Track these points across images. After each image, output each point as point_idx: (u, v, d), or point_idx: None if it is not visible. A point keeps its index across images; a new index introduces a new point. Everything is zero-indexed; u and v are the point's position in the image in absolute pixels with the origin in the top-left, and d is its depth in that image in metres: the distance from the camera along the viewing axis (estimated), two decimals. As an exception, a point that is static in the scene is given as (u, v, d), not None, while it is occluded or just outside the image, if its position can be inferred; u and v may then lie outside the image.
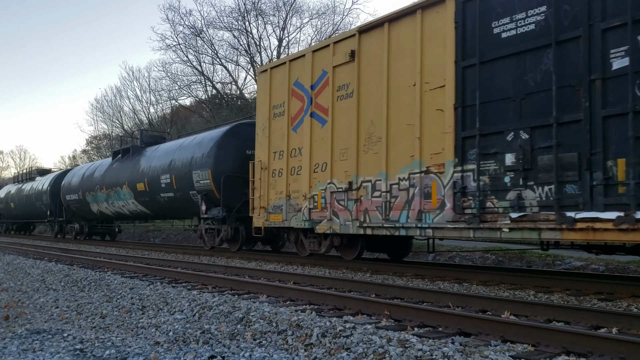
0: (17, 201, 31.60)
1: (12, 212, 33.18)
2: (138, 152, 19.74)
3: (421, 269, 9.76)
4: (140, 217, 20.84)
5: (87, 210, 23.38)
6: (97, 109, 49.39)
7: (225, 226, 14.31)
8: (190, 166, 15.40)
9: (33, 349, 4.36)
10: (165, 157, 17.27)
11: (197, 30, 34.37)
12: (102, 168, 22.10)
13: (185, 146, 16.44)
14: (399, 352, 3.80)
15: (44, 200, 27.12)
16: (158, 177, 17.11)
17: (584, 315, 5.20)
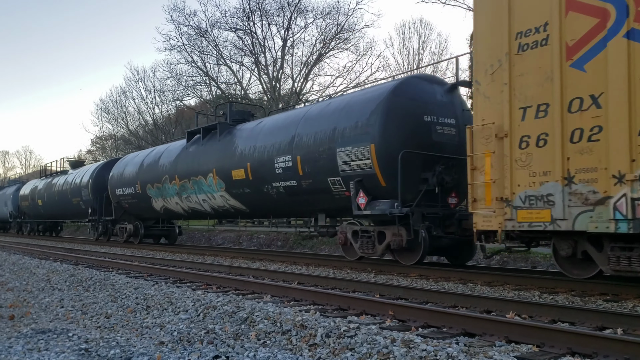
0: (47, 198, 27.60)
1: (39, 211, 29.31)
2: (228, 131, 15.04)
3: (426, 270, 9.74)
4: (227, 215, 16.46)
5: (145, 207, 19.00)
6: (102, 110, 49.60)
7: (402, 229, 9.83)
8: (332, 141, 10.89)
9: (38, 349, 4.38)
10: (280, 133, 12.59)
11: (202, 31, 34.47)
12: (170, 153, 17.46)
13: (317, 115, 11.83)
14: (403, 353, 3.80)
15: (83, 196, 23.00)
16: (270, 160, 12.47)
17: (589, 315, 5.18)
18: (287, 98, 34.66)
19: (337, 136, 10.82)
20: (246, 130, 14.23)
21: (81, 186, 23.23)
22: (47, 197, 27.63)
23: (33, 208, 30.13)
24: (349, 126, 10.65)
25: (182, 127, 38.78)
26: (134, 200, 19.38)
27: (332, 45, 34.50)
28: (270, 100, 34.39)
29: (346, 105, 11.15)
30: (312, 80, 36.64)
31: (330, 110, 11.50)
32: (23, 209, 32.41)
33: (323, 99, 34.30)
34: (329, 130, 11.08)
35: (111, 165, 22.26)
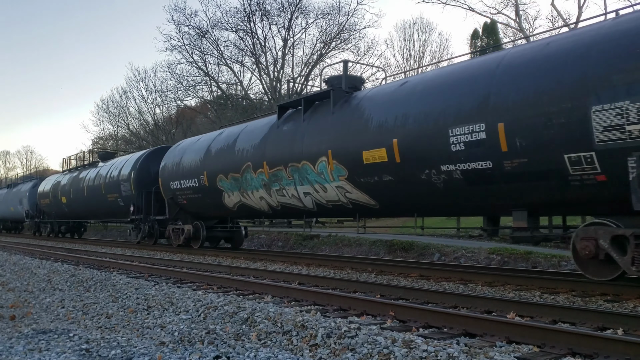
0: (73, 195, 24.00)
1: (63, 209, 25.82)
2: (344, 99, 11.20)
3: (426, 270, 9.74)
4: (338, 213, 12.27)
5: (212, 204, 15.16)
6: (103, 110, 49.63)
7: None
8: (579, 97, 7.02)
9: (39, 349, 4.38)
10: (456, 92, 8.68)
11: (203, 31, 34.49)
12: (253, 134, 13.33)
13: (533, 59, 7.83)
14: (404, 353, 3.80)
15: (122, 192, 19.42)
16: (440, 132, 8.60)
17: (590, 316, 5.18)
18: (288, 98, 34.64)
19: (594, 86, 6.86)
20: (381, 95, 10.31)
21: (120, 180, 19.56)
22: (73, 194, 24.14)
23: (55, 206, 26.74)
24: (624, 68, 6.65)
25: (183, 127, 38.83)
26: (196, 195, 15.51)
27: (333, 45, 34.54)
28: (271, 100, 34.39)
29: (614, 32, 6.98)
30: (312, 81, 36.65)
31: (568, 49, 7.43)
32: (42, 208, 29.00)
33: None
34: (570, 80, 7.16)
35: (160, 153, 18.56)
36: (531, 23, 31.61)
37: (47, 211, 28.49)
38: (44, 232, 30.22)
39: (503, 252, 12.86)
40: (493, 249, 13.23)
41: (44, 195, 28.04)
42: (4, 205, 35.86)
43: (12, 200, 34.59)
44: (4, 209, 36.11)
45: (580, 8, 26.10)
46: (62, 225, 28.39)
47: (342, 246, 16.84)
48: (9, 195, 35.72)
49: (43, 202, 28.23)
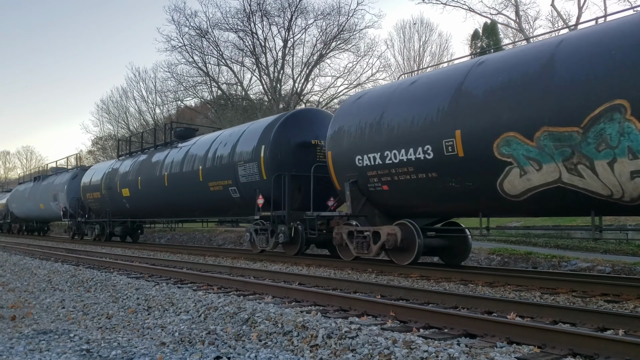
0: (144, 185, 18.35)
1: (122, 206, 20.30)
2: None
3: (427, 270, 9.74)
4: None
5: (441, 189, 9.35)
6: (103, 110, 49.64)
7: None
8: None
9: (40, 349, 4.38)
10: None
11: (203, 32, 34.52)
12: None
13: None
14: (405, 354, 3.80)
15: (240, 177, 13.63)
16: None
17: (590, 316, 5.18)
18: (288, 98, 34.67)
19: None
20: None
21: (237, 160, 13.72)
22: (144, 184, 18.33)
23: (111, 201, 20.86)
24: None
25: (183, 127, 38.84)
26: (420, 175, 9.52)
27: (333, 45, 34.56)
28: (271, 100, 34.41)
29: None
30: (313, 81, 36.67)
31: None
32: (88, 204, 23.21)
33: (324, 100, 34.29)
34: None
35: (304, 117, 13.71)
36: (531, 23, 31.58)
37: (96, 208, 22.67)
38: (90, 234, 23.83)
39: (503, 253, 12.86)
40: (493, 250, 13.24)
41: (92, 188, 22.37)
42: (31, 203, 29.81)
43: (41, 196, 28.09)
44: (31, 207, 30.10)
45: (580, 9, 26.15)
46: (117, 226, 21.70)
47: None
48: (37, 189, 29.13)
49: (90, 196, 22.64)
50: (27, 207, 30.89)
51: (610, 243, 13.85)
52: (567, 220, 14.78)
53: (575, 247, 14.36)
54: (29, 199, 30.14)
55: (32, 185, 30.69)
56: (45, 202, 27.65)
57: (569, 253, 13.02)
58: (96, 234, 23.07)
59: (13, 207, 33.87)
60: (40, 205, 28.32)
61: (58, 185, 26.25)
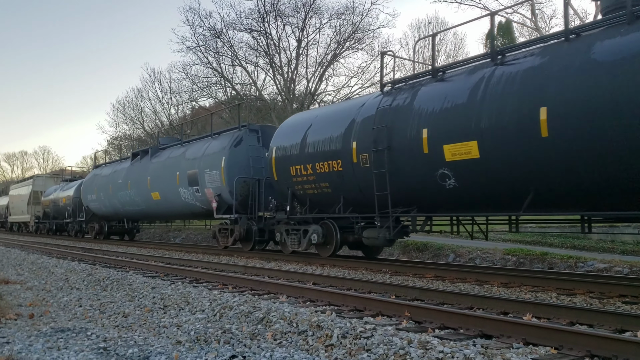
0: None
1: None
2: None
3: (441, 271, 9.70)
4: None
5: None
6: (119, 110, 50.02)
7: None
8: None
9: (58, 347, 4.44)
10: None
11: (217, 32, 34.60)
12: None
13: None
14: (420, 354, 3.79)
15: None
16: None
17: (608, 318, 5.12)
18: (302, 98, 34.69)
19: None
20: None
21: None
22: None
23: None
24: None
25: (198, 127, 39.05)
26: None
27: (347, 45, 34.47)
28: (285, 100, 34.46)
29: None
30: (326, 81, 36.65)
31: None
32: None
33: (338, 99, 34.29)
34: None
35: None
36: (547, 22, 31.31)
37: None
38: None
39: (519, 253, 12.77)
40: (509, 250, 13.14)
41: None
42: (133, 192, 20.47)
43: (158, 178, 18.77)
44: (131, 199, 20.71)
45: (597, 6, 25.80)
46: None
47: (356, 246, 16.81)
48: (144, 170, 19.85)
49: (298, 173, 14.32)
50: (122, 199, 21.46)
51: (628, 244, 13.68)
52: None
53: (592, 248, 14.22)
54: (127, 186, 20.62)
55: (127, 167, 21.29)
56: (167, 189, 18.14)
57: (585, 254, 12.89)
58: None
59: (90, 201, 24.32)
60: (154, 194, 19.04)
61: (203, 159, 16.25)
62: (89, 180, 25.27)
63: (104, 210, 23.87)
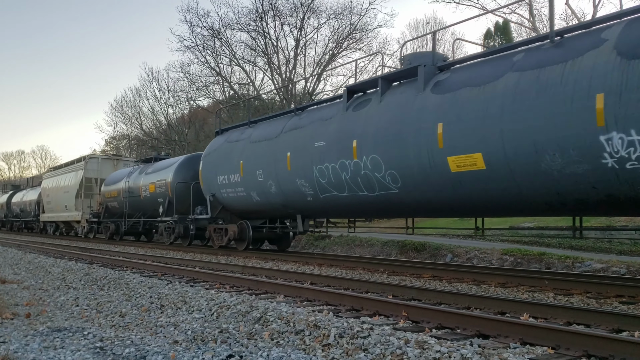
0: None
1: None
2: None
3: (439, 271, 9.70)
4: None
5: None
6: (117, 110, 49.99)
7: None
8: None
9: (54, 347, 4.42)
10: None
11: (215, 32, 34.64)
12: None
13: None
14: (417, 354, 3.79)
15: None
16: None
17: (605, 318, 5.13)
18: (300, 98, 34.70)
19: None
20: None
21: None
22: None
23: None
24: None
25: (196, 127, 39.05)
26: None
27: (345, 45, 34.51)
28: (283, 100, 34.45)
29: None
30: (324, 80, 36.67)
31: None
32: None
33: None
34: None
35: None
36: (545, 22, 31.35)
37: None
38: None
39: (516, 253, 12.78)
40: (506, 250, 13.16)
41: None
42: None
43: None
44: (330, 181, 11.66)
45: (595, 7, 25.87)
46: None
47: (354, 246, 16.82)
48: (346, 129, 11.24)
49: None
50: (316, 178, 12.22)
51: (625, 244, 13.71)
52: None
53: (590, 248, 14.24)
54: (332, 154, 11.55)
55: (331, 119, 12.07)
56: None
57: (582, 254, 12.91)
58: None
59: (222, 187, 15.46)
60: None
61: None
62: (217, 152, 15.97)
63: (253, 203, 14.35)
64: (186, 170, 18.62)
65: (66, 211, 27.34)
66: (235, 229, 15.54)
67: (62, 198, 27.70)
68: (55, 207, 28.83)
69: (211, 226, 16.73)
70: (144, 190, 20.55)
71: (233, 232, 15.60)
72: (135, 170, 22.13)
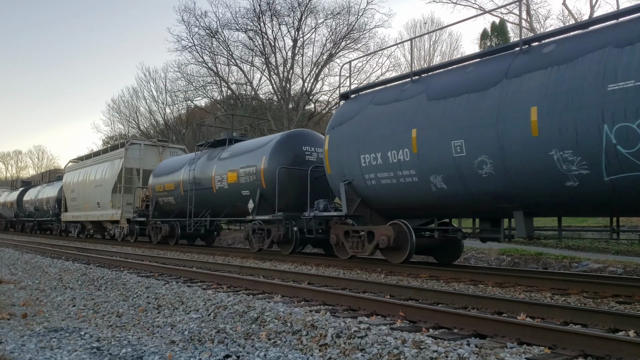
0: None
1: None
2: None
3: (436, 271, 9.71)
4: None
5: None
6: (114, 110, 49.90)
7: None
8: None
9: (51, 347, 4.41)
10: None
11: (212, 32, 34.60)
12: None
13: None
14: (414, 354, 3.79)
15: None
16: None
17: (602, 317, 5.14)
18: (297, 98, 34.69)
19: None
20: None
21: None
22: None
23: None
24: None
25: (193, 127, 39.02)
26: None
27: (343, 45, 34.50)
28: (281, 100, 34.44)
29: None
30: (322, 81, 36.67)
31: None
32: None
33: (333, 99, 34.27)
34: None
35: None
36: (542, 23, 31.39)
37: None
38: None
39: (513, 253, 12.80)
40: (503, 250, 13.17)
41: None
42: None
43: None
44: None
45: (592, 7, 25.91)
46: None
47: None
48: None
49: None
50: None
51: (622, 244, 13.73)
52: (578, 221, 14.67)
53: (587, 248, 14.26)
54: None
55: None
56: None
57: (580, 254, 12.93)
58: None
59: (361, 173, 10.99)
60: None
61: None
62: (356, 122, 11.34)
63: (431, 193, 9.77)
64: (285, 152, 13.99)
65: (98, 209, 22.88)
66: (389, 232, 10.37)
67: (93, 193, 23.34)
68: (83, 204, 24.34)
69: (340, 227, 11.68)
70: (219, 180, 15.74)
71: (386, 238, 10.37)
72: (200, 156, 17.41)
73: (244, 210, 14.79)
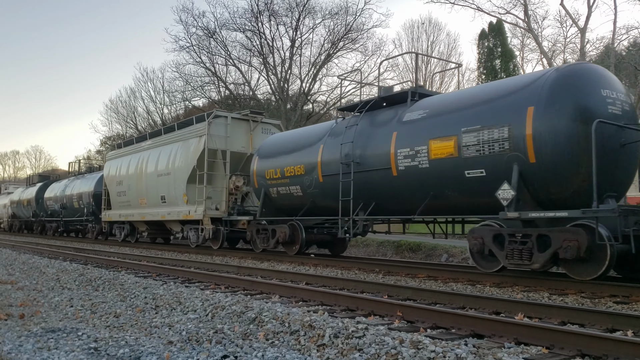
0: None
1: None
2: None
3: (434, 271, 9.72)
4: None
5: None
6: (112, 110, 49.81)
7: None
8: None
9: (48, 347, 4.41)
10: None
11: (210, 32, 34.56)
12: None
13: None
14: (412, 354, 3.79)
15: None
16: None
17: (599, 317, 5.15)
18: (295, 98, 34.69)
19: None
20: None
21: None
22: None
23: None
24: None
25: (191, 127, 38.94)
26: None
27: (341, 45, 34.50)
28: (279, 100, 34.43)
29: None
30: (320, 81, 36.66)
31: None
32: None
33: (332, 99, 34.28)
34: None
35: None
36: (539, 23, 31.42)
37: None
38: None
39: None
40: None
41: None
42: None
43: None
44: None
45: (590, 8, 25.93)
46: None
47: (350, 247, 16.82)
48: None
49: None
50: None
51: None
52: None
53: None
54: None
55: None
56: None
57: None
58: None
59: None
60: None
61: None
62: None
63: None
64: (574, 97, 8.01)
65: (163, 205, 17.73)
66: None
67: (155, 185, 18.12)
68: (137, 200, 19.28)
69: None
70: (408, 156, 9.99)
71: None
72: (353, 123, 11.65)
73: (458, 203, 9.59)
